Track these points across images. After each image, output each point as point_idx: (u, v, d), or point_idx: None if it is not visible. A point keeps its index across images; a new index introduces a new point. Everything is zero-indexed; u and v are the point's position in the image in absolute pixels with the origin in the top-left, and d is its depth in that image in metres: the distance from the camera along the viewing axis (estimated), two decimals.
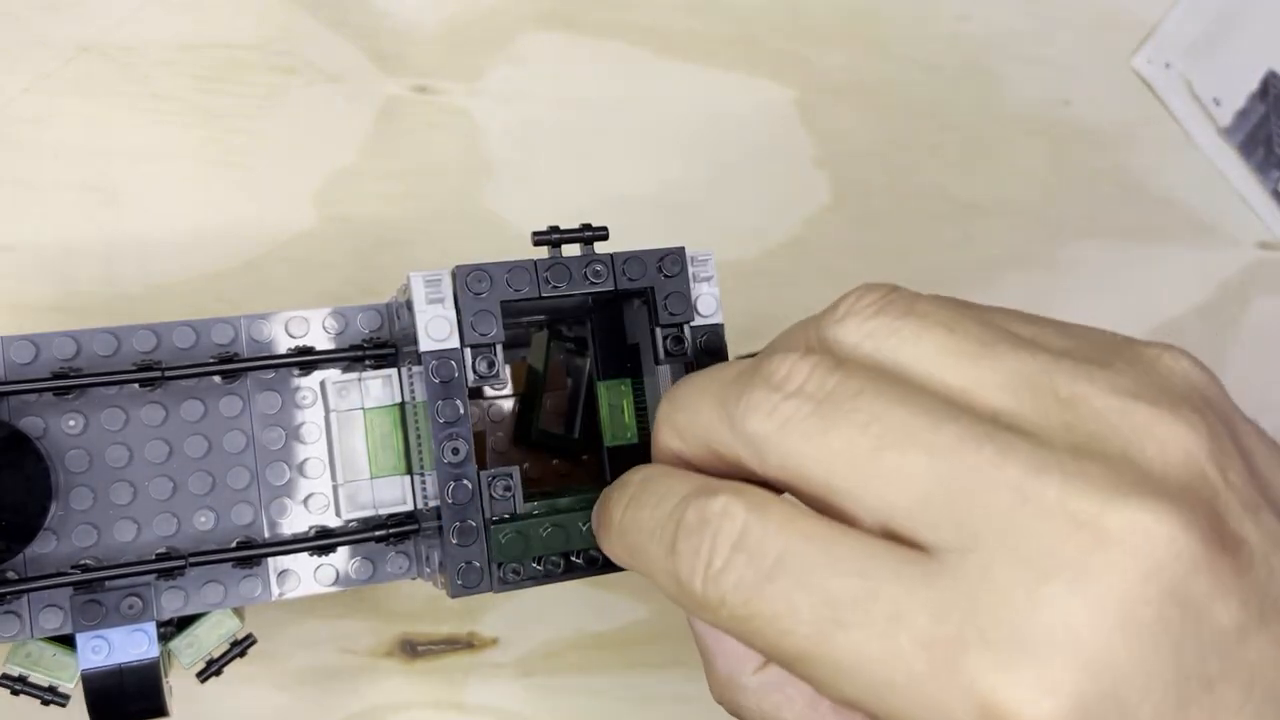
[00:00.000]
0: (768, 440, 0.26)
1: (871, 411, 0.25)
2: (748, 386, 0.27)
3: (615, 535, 0.29)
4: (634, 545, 0.28)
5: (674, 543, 0.26)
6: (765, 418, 0.26)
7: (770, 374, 0.26)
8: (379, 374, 0.36)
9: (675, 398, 0.30)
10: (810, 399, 0.25)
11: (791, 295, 0.54)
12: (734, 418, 0.27)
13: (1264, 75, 0.63)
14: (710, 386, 0.28)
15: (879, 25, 0.57)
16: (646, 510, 0.28)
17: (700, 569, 0.25)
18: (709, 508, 0.26)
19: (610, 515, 0.30)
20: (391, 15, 0.50)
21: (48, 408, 0.34)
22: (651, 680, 0.51)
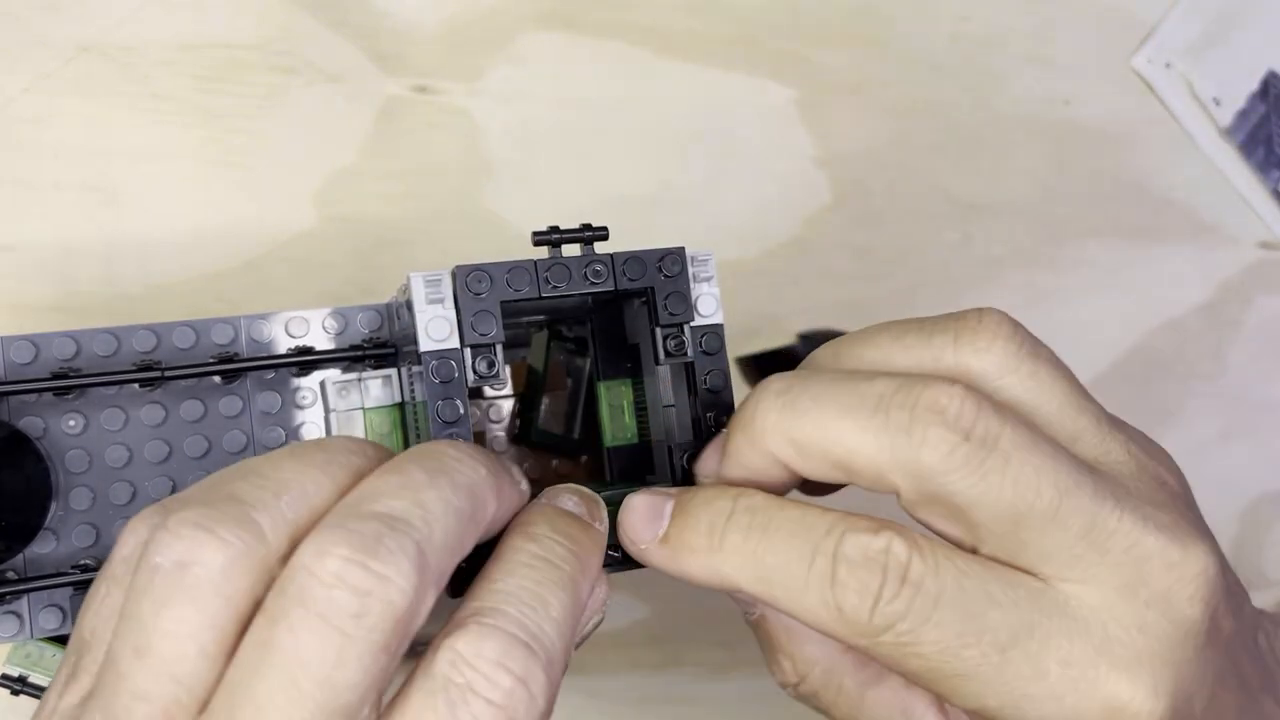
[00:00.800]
0: (936, 476, 0.28)
1: (1033, 466, 0.28)
2: (914, 414, 0.28)
3: (731, 557, 0.30)
4: (766, 571, 0.30)
5: (833, 574, 0.29)
6: (944, 456, 0.28)
7: (940, 407, 0.28)
8: (379, 374, 0.36)
9: (797, 408, 0.30)
10: (982, 445, 0.28)
11: (791, 295, 0.54)
12: (898, 446, 0.28)
13: (1264, 75, 0.63)
14: (853, 404, 0.29)
15: (879, 25, 0.57)
16: (781, 540, 0.30)
17: (870, 601, 0.28)
18: (872, 544, 0.29)
19: (721, 536, 0.30)
20: (391, 15, 0.50)
21: (48, 408, 0.34)
22: (651, 680, 0.51)
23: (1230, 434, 0.62)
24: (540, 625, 0.26)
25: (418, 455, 0.28)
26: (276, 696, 0.23)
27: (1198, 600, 0.29)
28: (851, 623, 0.29)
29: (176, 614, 0.24)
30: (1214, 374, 0.62)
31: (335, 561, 0.24)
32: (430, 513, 0.26)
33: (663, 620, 0.51)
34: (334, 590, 0.24)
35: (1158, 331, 0.61)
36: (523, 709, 0.25)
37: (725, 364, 0.35)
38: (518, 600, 0.27)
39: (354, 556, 0.24)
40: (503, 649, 0.25)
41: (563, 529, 0.29)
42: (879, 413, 0.29)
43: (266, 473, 0.26)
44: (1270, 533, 0.62)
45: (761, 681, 0.52)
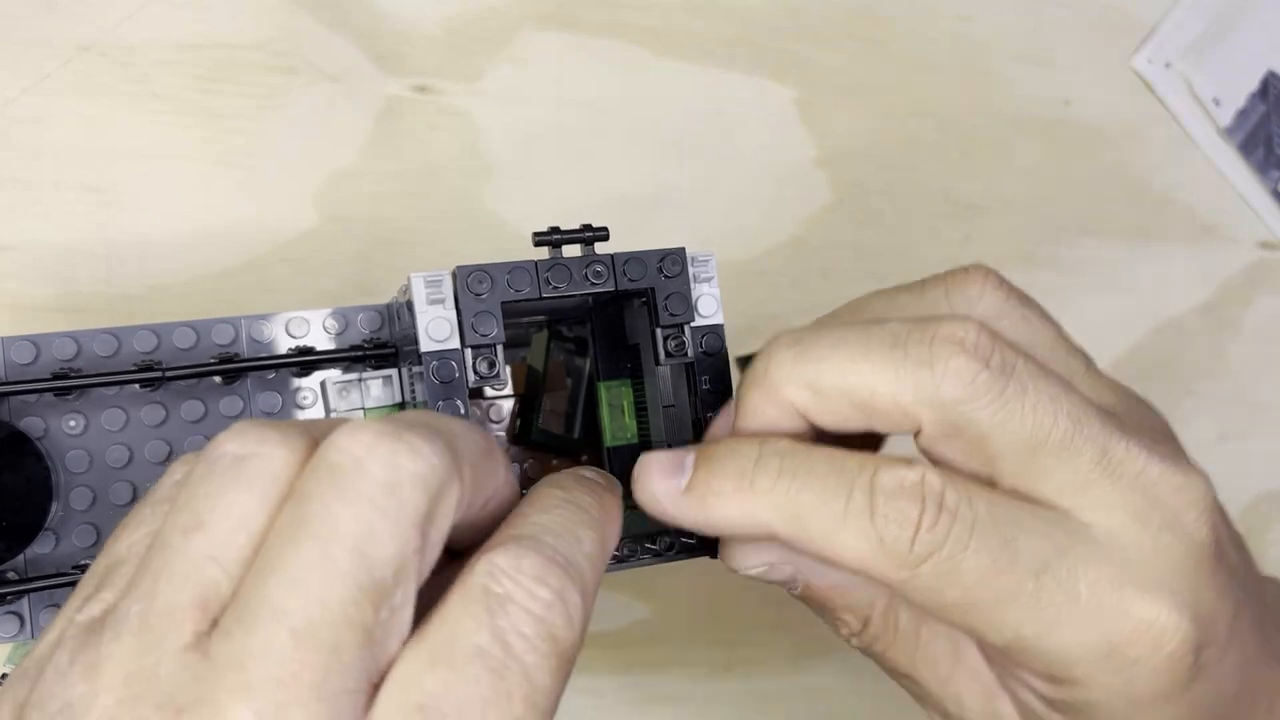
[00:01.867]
0: (960, 404, 0.29)
1: (1048, 394, 0.29)
2: (934, 348, 0.29)
3: (762, 498, 0.30)
4: (799, 510, 0.30)
5: (872, 506, 0.29)
6: (967, 384, 0.29)
7: (958, 339, 0.29)
8: (379, 374, 0.36)
9: (812, 355, 0.31)
10: (1001, 374, 0.29)
11: (791, 295, 0.54)
12: (920, 379, 0.29)
13: (1264, 75, 0.63)
14: (870, 345, 0.30)
15: (879, 25, 0.57)
16: (815, 479, 0.30)
17: (910, 531, 0.29)
18: (908, 476, 0.29)
19: (750, 480, 0.31)
20: (391, 15, 0.50)
21: (48, 408, 0.34)
22: (651, 680, 0.51)
23: (1230, 434, 0.62)
24: (574, 554, 0.27)
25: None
26: (310, 568, 0.23)
27: (1203, 522, 0.30)
28: (893, 554, 0.29)
29: (232, 498, 0.25)
30: (1214, 374, 0.62)
31: (368, 436, 0.24)
32: (454, 429, 0.26)
33: (663, 620, 0.51)
34: (365, 463, 0.24)
35: (1158, 331, 0.61)
36: (561, 624, 0.25)
37: (726, 364, 0.35)
38: (553, 531, 0.27)
39: (386, 430, 0.24)
40: (542, 566, 0.25)
41: (588, 485, 0.30)
42: (897, 348, 0.30)
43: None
44: (1270, 533, 0.62)
45: (762, 681, 0.52)
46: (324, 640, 0.23)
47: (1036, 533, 0.29)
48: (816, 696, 0.53)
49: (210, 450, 0.25)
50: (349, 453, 0.24)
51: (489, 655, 0.24)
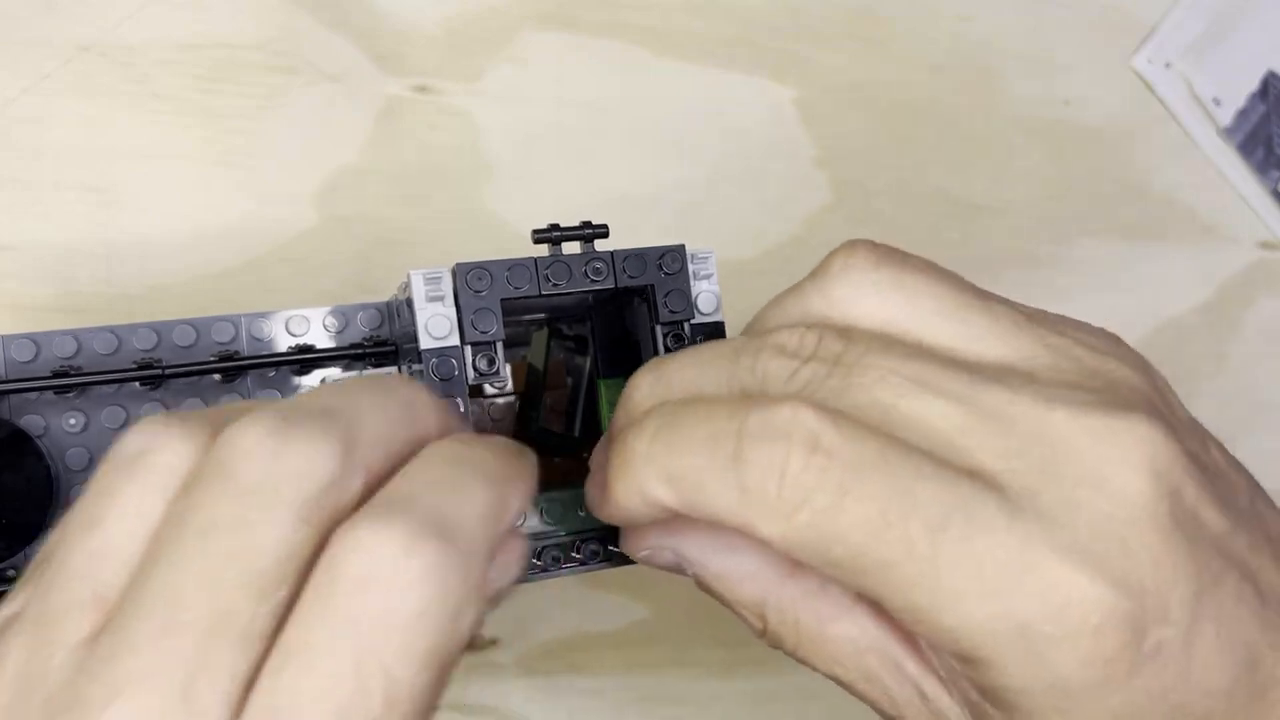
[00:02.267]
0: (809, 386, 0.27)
1: (886, 367, 0.27)
2: (759, 357, 0.28)
3: (643, 466, 0.28)
4: (676, 469, 0.27)
5: (738, 452, 0.26)
6: (784, 384, 0.27)
7: (781, 344, 0.28)
8: (379, 372, 0.36)
9: (662, 373, 0.30)
10: (824, 362, 0.27)
11: None
12: (747, 387, 0.28)
13: (1264, 75, 0.63)
14: (709, 360, 0.29)
15: (879, 25, 0.57)
16: (687, 430, 0.27)
17: (775, 473, 0.26)
18: (775, 415, 0.26)
19: (632, 450, 0.28)
20: (391, 15, 0.50)
21: (48, 406, 0.34)
22: (651, 680, 0.51)
23: (1230, 434, 0.62)
24: (460, 514, 0.24)
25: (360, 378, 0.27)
26: (186, 565, 0.23)
27: (1138, 477, 0.26)
28: (759, 502, 0.26)
29: (127, 494, 0.24)
30: (1214, 374, 0.62)
31: (256, 430, 0.23)
32: (359, 406, 0.25)
33: (663, 620, 0.51)
34: (248, 459, 0.23)
35: (1158, 331, 0.61)
36: (434, 606, 0.23)
37: None
38: (435, 488, 0.24)
39: (272, 427, 0.23)
40: (410, 535, 0.23)
41: (491, 442, 0.27)
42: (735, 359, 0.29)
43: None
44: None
45: (762, 681, 0.52)
46: (195, 638, 0.22)
47: (937, 481, 0.26)
48: (816, 696, 0.53)
49: (115, 446, 0.25)
50: (236, 447, 0.23)
51: (340, 652, 0.22)
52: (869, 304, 0.29)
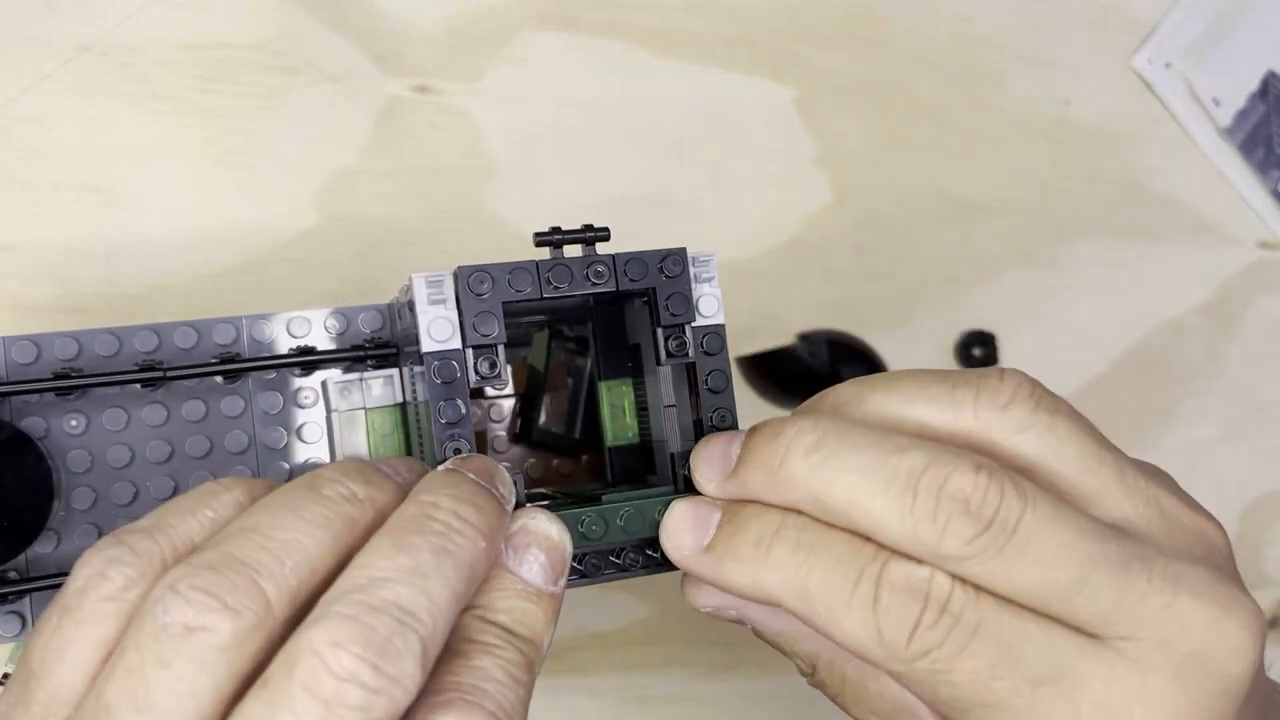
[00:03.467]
0: (957, 561, 0.29)
1: (1056, 542, 0.29)
2: (943, 506, 0.29)
3: (774, 570, 0.31)
4: (808, 587, 0.30)
5: (876, 597, 0.29)
6: (964, 544, 0.29)
7: (966, 496, 0.29)
8: (380, 374, 0.36)
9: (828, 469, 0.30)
10: (1003, 531, 0.29)
11: (791, 295, 0.54)
12: (922, 530, 0.29)
13: (1264, 75, 0.63)
14: (884, 479, 0.30)
15: (879, 25, 0.57)
16: (828, 561, 0.30)
17: (909, 626, 0.29)
18: (916, 573, 0.29)
19: (766, 547, 0.31)
20: (391, 15, 0.50)
21: (49, 408, 0.34)
22: (651, 680, 0.51)
23: (1230, 434, 0.62)
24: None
25: (421, 527, 0.28)
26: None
27: (1237, 656, 0.29)
28: (889, 646, 0.29)
29: (179, 673, 0.25)
30: (1214, 374, 0.62)
31: (348, 658, 0.24)
32: (436, 604, 0.26)
33: (663, 620, 0.51)
34: (345, 685, 0.24)
35: (1158, 331, 0.61)
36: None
37: (726, 364, 0.35)
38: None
39: (366, 655, 0.25)
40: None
41: (524, 620, 0.30)
42: (907, 493, 0.29)
43: (269, 532, 0.27)
44: (1270, 533, 0.62)
45: (761, 681, 0.52)
46: None
47: (1044, 646, 0.29)
48: (815, 696, 0.53)
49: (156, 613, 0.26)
50: (330, 669, 0.25)
51: None
52: (1029, 436, 0.31)
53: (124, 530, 0.27)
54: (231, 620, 0.25)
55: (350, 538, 0.27)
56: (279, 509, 0.27)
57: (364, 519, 0.28)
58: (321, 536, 0.27)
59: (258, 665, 0.25)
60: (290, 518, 0.27)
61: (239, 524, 0.27)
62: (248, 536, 0.26)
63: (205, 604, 0.25)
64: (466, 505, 0.29)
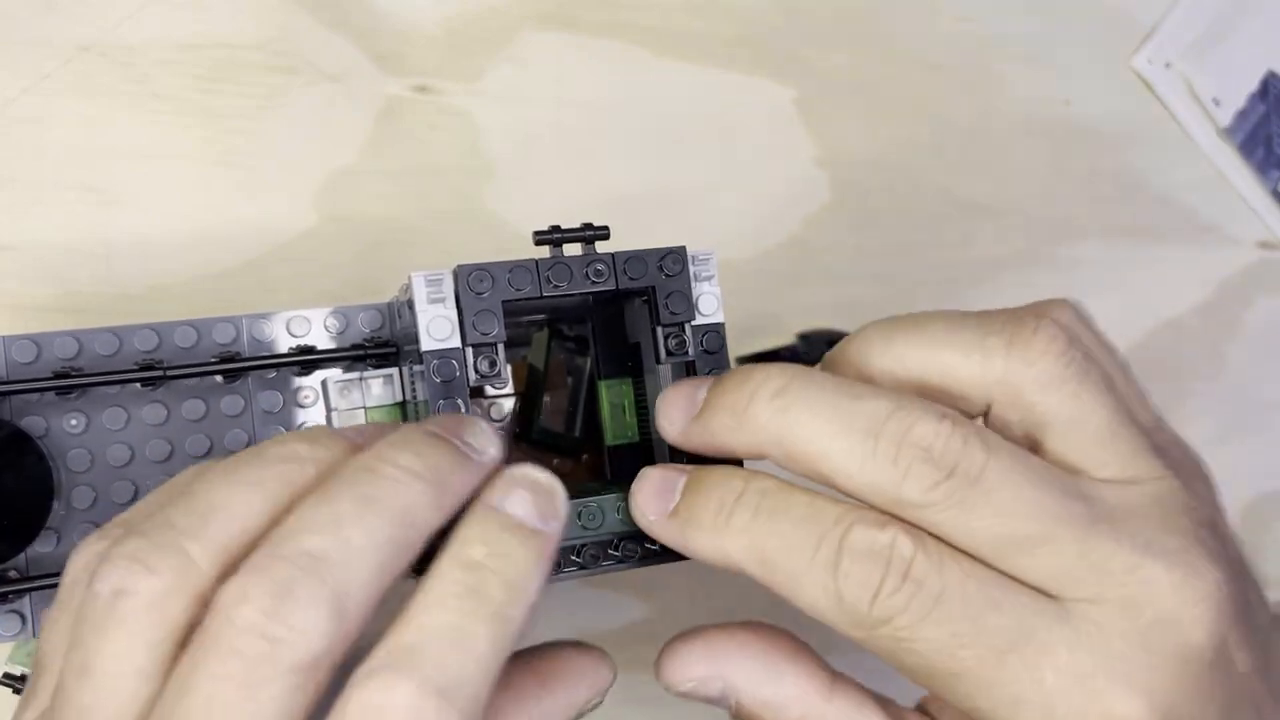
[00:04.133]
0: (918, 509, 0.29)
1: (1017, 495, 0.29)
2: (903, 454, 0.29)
3: (736, 535, 0.31)
4: (770, 552, 0.30)
5: (837, 563, 0.29)
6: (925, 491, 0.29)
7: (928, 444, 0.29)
8: (380, 373, 0.36)
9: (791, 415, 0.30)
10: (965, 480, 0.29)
11: (791, 295, 0.54)
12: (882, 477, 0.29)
13: (1264, 75, 0.63)
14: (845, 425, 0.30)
15: (879, 25, 0.57)
16: (788, 525, 0.30)
17: (870, 593, 0.29)
18: (878, 538, 0.29)
19: (727, 512, 0.31)
20: (391, 15, 0.50)
21: (49, 407, 0.34)
22: (651, 680, 0.51)
23: (1230, 434, 0.62)
24: (461, 666, 0.26)
25: (351, 478, 0.27)
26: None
27: (1202, 624, 0.29)
28: (850, 612, 0.29)
29: (113, 638, 0.25)
30: (1214, 374, 0.62)
31: (249, 610, 0.25)
32: (353, 549, 0.26)
33: (663, 620, 0.51)
34: (245, 637, 0.25)
35: (1158, 331, 0.61)
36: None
37: (726, 363, 0.35)
38: (439, 640, 0.26)
39: (267, 604, 0.25)
40: (415, 699, 0.25)
41: (504, 551, 0.28)
42: (869, 438, 0.29)
43: (200, 494, 0.27)
44: (1270, 533, 0.62)
45: None
46: None
47: (1010, 611, 0.29)
48: None
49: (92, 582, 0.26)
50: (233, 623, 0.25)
51: None
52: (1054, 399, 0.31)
53: (112, 524, 0.28)
54: (151, 580, 0.25)
55: (288, 496, 0.27)
56: (217, 475, 0.27)
57: (303, 478, 0.28)
58: (252, 497, 0.27)
59: (194, 625, 0.26)
60: (224, 481, 0.27)
61: (180, 492, 0.28)
62: (180, 503, 0.27)
63: (129, 568, 0.26)
64: (405, 452, 0.28)
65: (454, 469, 0.29)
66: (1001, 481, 0.29)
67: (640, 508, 0.33)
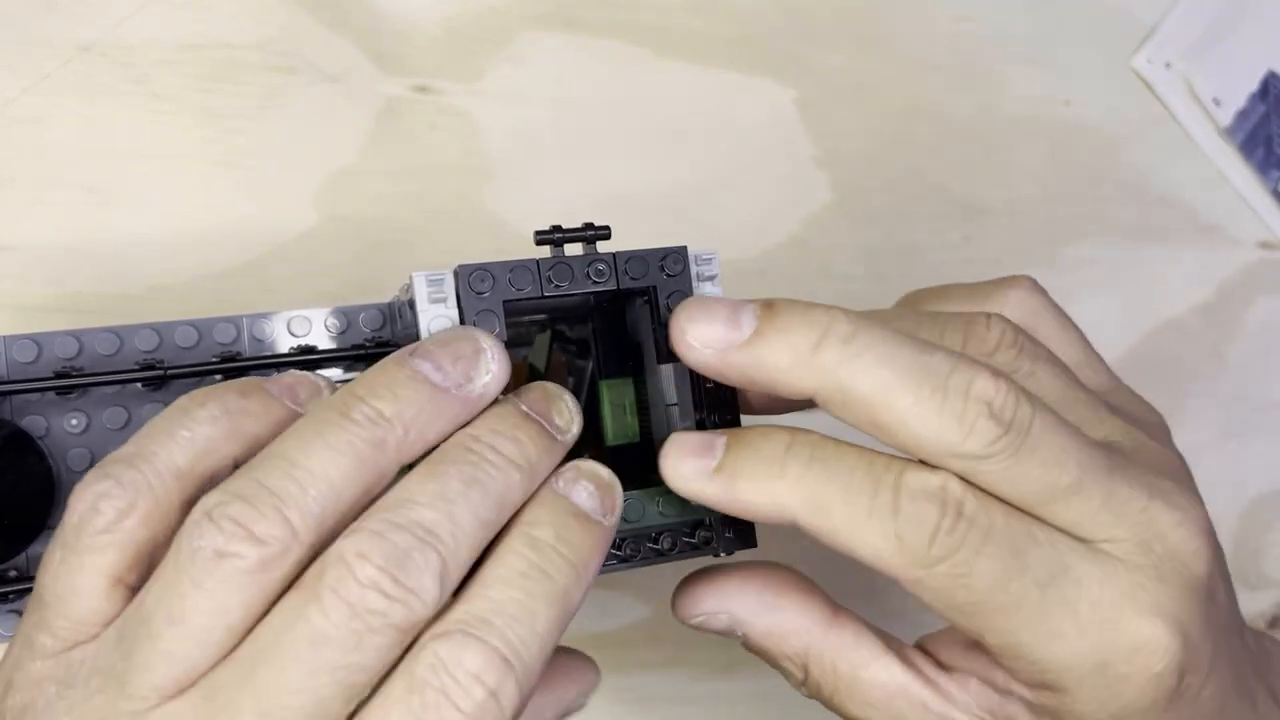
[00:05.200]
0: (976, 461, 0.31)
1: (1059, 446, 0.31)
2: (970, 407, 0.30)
3: (790, 483, 0.32)
4: (825, 499, 0.31)
5: (896, 506, 0.31)
6: (987, 444, 0.30)
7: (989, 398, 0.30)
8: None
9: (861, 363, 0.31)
10: (1019, 433, 0.30)
11: (791, 295, 0.54)
12: (947, 432, 0.30)
13: (1264, 75, 0.63)
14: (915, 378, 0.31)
15: (879, 25, 0.57)
16: (844, 473, 0.31)
17: (929, 531, 0.30)
18: (930, 480, 0.31)
19: (780, 463, 0.32)
20: (391, 15, 0.50)
21: (50, 407, 0.34)
22: (651, 680, 0.51)
23: (1230, 434, 0.62)
24: (524, 640, 0.28)
25: (459, 458, 0.29)
26: (298, 658, 0.26)
27: (1200, 557, 0.32)
28: (911, 552, 0.31)
29: (211, 593, 0.27)
30: (1214, 374, 0.62)
31: (371, 568, 0.27)
32: (459, 527, 0.28)
33: (663, 620, 0.51)
34: (367, 591, 0.27)
35: (1158, 331, 0.61)
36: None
37: None
38: (506, 614, 0.28)
39: (387, 567, 0.27)
40: (483, 662, 0.27)
41: (569, 537, 0.30)
42: (938, 393, 0.30)
43: (296, 459, 0.28)
44: (1270, 532, 0.62)
45: (762, 681, 0.52)
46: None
47: (1048, 547, 0.31)
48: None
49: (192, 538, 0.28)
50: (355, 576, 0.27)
51: None
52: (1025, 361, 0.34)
53: (108, 461, 0.29)
54: (258, 548, 0.27)
55: (379, 458, 0.29)
56: (309, 436, 0.29)
57: (392, 438, 0.29)
58: (344, 463, 0.28)
59: (285, 585, 0.28)
60: (317, 444, 0.28)
61: (271, 449, 0.29)
62: (276, 464, 0.28)
63: (234, 532, 0.27)
64: (505, 439, 0.30)
65: (543, 455, 0.31)
66: (1044, 435, 0.31)
67: (678, 468, 0.33)
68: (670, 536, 0.34)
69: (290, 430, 0.29)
